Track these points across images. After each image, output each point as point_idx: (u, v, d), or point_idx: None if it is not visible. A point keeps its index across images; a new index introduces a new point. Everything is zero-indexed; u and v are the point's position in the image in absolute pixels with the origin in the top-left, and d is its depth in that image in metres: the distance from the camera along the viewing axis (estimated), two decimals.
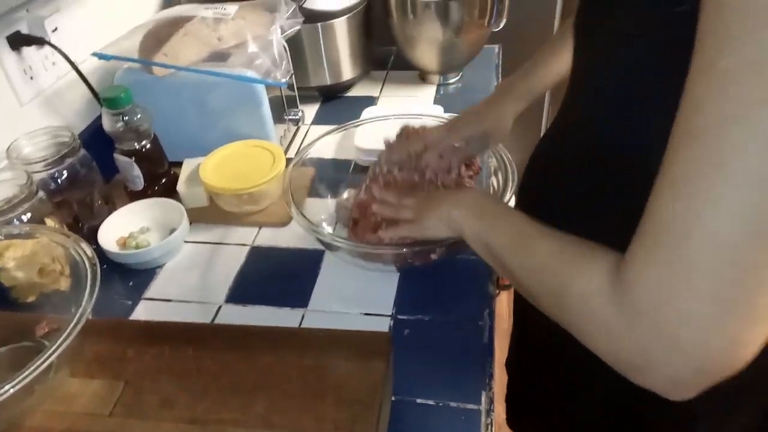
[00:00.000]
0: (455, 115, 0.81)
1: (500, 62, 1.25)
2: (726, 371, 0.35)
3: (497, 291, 1.69)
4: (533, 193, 0.63)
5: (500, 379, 0.83)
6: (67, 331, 0.47)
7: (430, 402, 0.59)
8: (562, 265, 0.42)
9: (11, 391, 0.44)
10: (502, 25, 1.13)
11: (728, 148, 0.30)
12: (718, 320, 0.33)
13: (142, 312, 0.72)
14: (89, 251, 0.56)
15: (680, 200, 0.33)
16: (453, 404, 0.59)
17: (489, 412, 0.58)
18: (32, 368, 0.45)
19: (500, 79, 1.21)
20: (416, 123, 0.81)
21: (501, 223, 0.52)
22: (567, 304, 0.41)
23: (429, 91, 1.17)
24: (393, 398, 0.59)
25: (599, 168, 0.51)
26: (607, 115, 0.49)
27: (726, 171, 0.31)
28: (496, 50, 1.27)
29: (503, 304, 1.89)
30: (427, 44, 1.10)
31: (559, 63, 0.73)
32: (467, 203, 0.57)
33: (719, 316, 0.33)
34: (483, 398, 0.59)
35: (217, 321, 0.70)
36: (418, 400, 0.59)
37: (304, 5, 0.99)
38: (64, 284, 0.61)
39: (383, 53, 1.28)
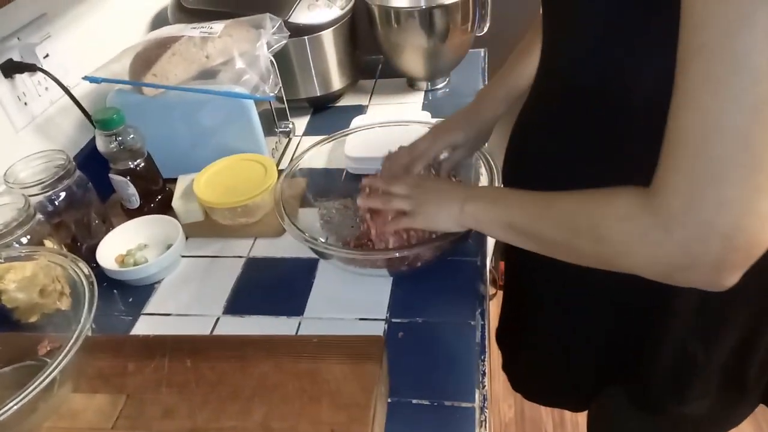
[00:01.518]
0: (441, 119, 0.82)
1: (486, 65, 1.27)
2: (761, 250, 0.39)
3: (494, 291, 1.71)
4: (521, 156, 0.66)
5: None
6: (67, 348, 0.49)
7: (426, 402, 0.60)
8: (591, 207, 0.46)
9: (15, 408, 0.45)
10: (485, 29, 1.15)
11: (738, 49, 0.35)
12: (748, 202, 0.37)
13: (142, 327, 0.74)
14: (86, 270, 0.57)
15: (700, 107, 0.37)
16: (447, 403, 0.60)
17: (483, 409, 0.60)
18: (34, 385, 0.46)
19: (487, 81, 1.23)
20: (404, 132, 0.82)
21: (514, 201, 0.55)
22: (605, 236, 0.44)
23: (417, 98, 1.18)
24: (389, 400, 0.60)
25: (584, 115, 0.54)
26: (584, 60, 0.52)
27: (739, 69, 0.35)
28: (482, 54, 1.29)
29: None
30: (412, 52, 1.12)
31: (535, 62, 0.75)
32: (478, 195, 0.60)
33: (749, 198, 0.37)
34: (477, 396, 0.60)
35: (216, 332, 0.71)
36: (414, 401, 0.60)
37: (289, 20, 1.01)
38: (65, 304, 0.63)
39: (371, 62, 1.30)
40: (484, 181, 0.79)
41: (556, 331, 0.72)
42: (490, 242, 1.39)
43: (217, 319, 0.73)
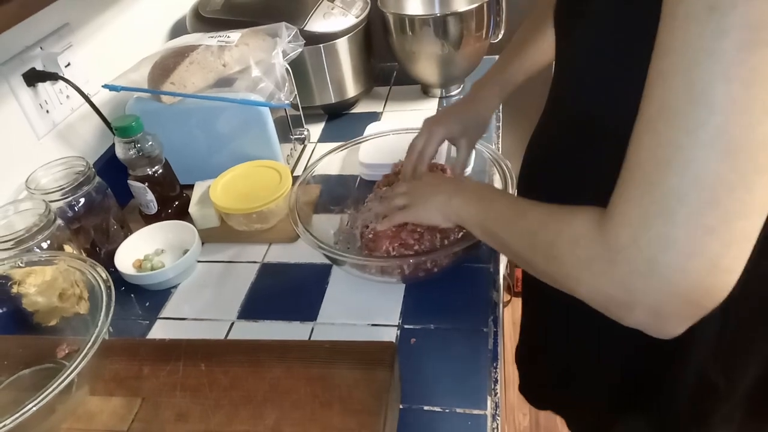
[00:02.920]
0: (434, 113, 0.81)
1: None
2: (708, 299, 0.36)
3: (509, 298, 1.70)
4: (533, 177, 0.65)
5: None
6: (84, 351, 0.50)
7: (437, 409, 0.60)
8: (552, 222, 0.45)
9: (34, 409, 0.46)
10: (500, 36, 1.15)
11: (698, 80, 0.33)
12: (696, 243, 0.34)
13: (159, 331, 0.75)
14: (104, 274, 0.59)
15: (656, 136, 0.35)
16: (459, 410, 0.60)
17: (495, 416, 0.59)
18: (52, 388, 0.47)
19: None
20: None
21: (495, 205, 0.55)
22: (557, 253, 0.43)
23: (432, 104, 1.19)
24: (401, 406, 0.60)
25: (589, 142, 0.53)
26: (590, 90, 0.51)
27: (697, 100, 0.33)
28: None
29: (519, 312, 1.88)
30: (427, 59, 1.12)
31: (533, 52, 0.74)
32: (464, 190, 0.60)
33: (697, 239, 0.34)
34: (489, 403, 0.60)
35: (230, 337, 0.72)
36: (426, 407, 0.61)
37: (305, 28, 1.02)
38: (83, 308, 0.64)
39: (385, 69, 1.31)
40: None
41: (573, 352, 0.71)
42: None
43: (232, 323, 0.74)
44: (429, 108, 1.18)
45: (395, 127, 0.93)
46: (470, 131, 0.78)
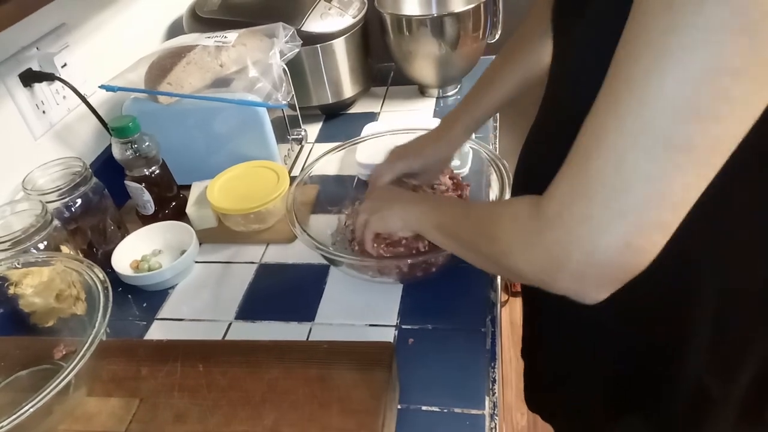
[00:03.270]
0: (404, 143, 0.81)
1: None
2: (622, 274, 0.40)
3: (506, 297, 1.70)
4: (529, 175, 0.66)
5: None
6: (82, 351, 0.50)
7: (435, 408, 0.60)
8: (497, 207, 0.51)
9: (31, 410, 0.46)
10: (497, 37, 1.15)
11: (638, 71, 0.35)
12: (609, 223, 0.38)
13: (156, 332, 0.75)
14: (101, 275, 0.59)
15: (595, 119, 0.39)
16: (457, 410, 0.60)
17: (493, 416, 0.59)
18: (50, 388, 0.47)
19: None
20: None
21: (446, 207, 0.61)
22: (497, 235, 0.47)
23: (429, 104, 1.19)
24: (399, 406, 0.61)
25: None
26: (586, 89, 0.52)
27: (632, 90, 0.36)
28: None
29: (517, 311, 1.89)
30: (424, 60, 1.12)
31: (504, 84, 0.75)
32: (421, 201, 0.66)
33: (610, 220, 0.38)
34: (487, 403, 0.60)
35: (228, 337, 0.72)
36: (424, 408, 0.61)
37: (302, 28, 1.02)
38: (80, 308, 0.64)
39: (383, 69, 1.31)
40: (494, 188, 0.79)
41: (568, 351, 0.71)
42: None
43: (230, 324, 0.74)
44: (426, 108, 1.18)
45: (393, 128, 0.93)
46: (431, 168, 0.79)
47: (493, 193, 0.79)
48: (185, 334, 0.73)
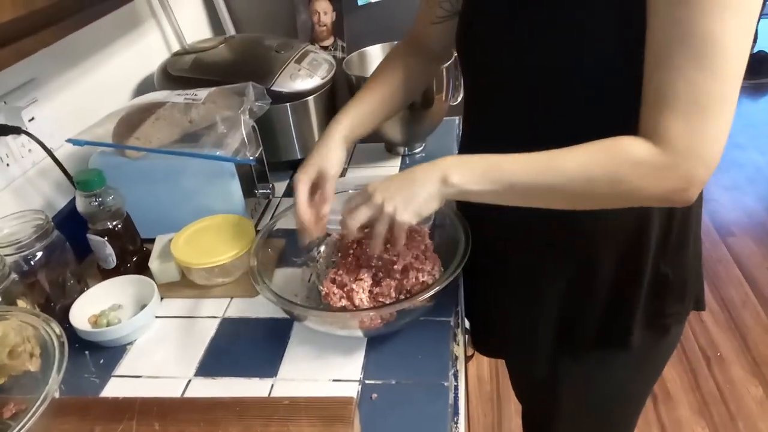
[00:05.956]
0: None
1: (460, 132, 1.32)
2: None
3: (472, 352, 1.69)
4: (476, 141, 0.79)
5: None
6: (32, 411, 0.48)
7: None
8: (603, 157, 0.59)
9: None
10: (459, 99, 1.20)
11: (709, 27, 0.52)
12: (719, 137, 0.55)
13: (112, 389, 0.72)
14: (58, 330, 0.57)
15: (674, 75, 0.54)
16: None
17: None
18: None
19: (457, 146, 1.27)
20: None
21: (512, 166, 0.62)
22: (623, 179, 0.58)
23: (395, 162, 1.22)
24: None
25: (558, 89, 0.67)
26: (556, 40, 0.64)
27: (714, 43, 0.52)
28: (457, 121, 1.35)
29: (485, 367, 1.88)
30: (391, 120, 1.16)
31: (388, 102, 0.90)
32: (460, 166, 0.63)
33: (719, 135, 0.55)
34: None
35: (187, 395, 0.70)
36: None
37: (272, 88, 1.05)
38: (34, 365, 0.62)
39: None
40: None
41: (523, 287, 0.81)
42: None
43: (189, 381, 0.72)
44: (392, 166, 1.21)
45: (359, 184, 0.96)
46: (328, 172, 0.81)
47: None
48: (143, 392, 0.71)
